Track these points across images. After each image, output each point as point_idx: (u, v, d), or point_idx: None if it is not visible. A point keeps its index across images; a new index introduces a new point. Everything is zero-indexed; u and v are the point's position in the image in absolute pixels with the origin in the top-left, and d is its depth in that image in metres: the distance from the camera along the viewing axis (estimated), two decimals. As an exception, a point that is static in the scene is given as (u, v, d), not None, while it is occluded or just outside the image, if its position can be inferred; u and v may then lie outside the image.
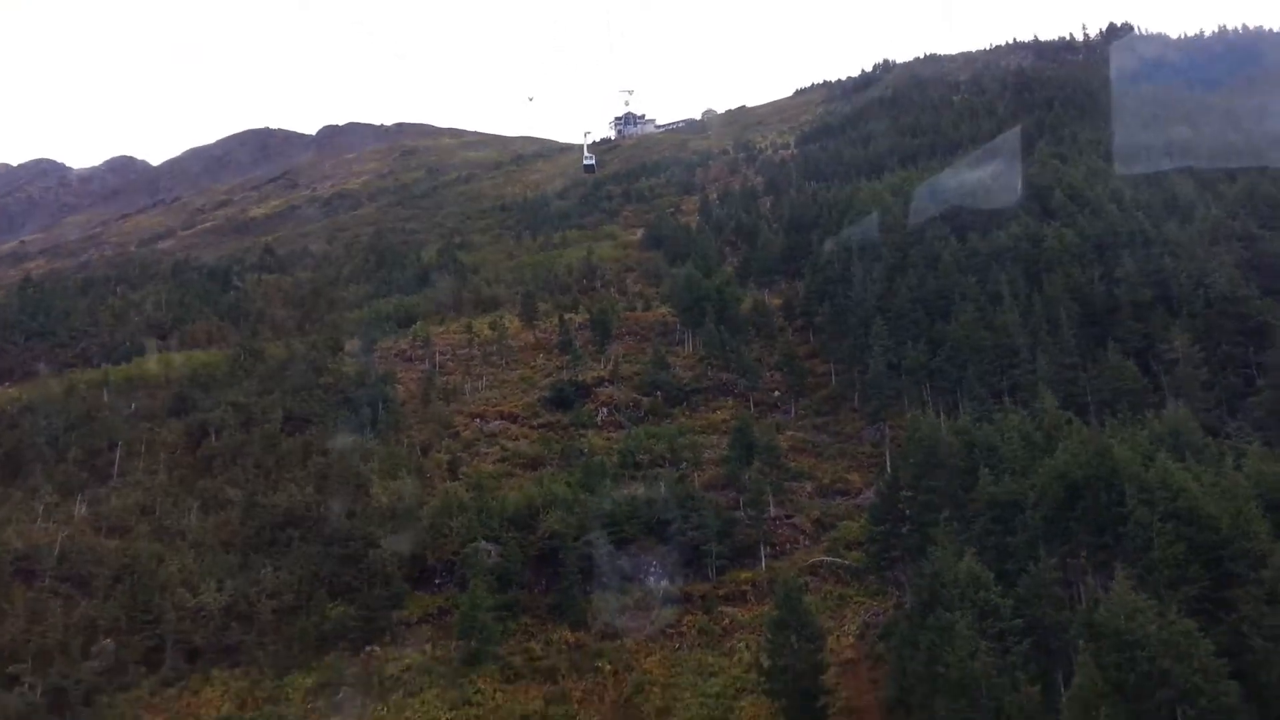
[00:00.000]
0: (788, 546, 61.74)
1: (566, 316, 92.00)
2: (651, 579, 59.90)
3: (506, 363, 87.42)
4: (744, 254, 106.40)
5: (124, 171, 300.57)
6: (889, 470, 63.64)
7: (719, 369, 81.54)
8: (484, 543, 60.29)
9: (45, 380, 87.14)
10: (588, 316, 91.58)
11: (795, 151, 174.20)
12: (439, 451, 73.16)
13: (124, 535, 64.23)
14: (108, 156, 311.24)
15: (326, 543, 60.90)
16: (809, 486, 67.26)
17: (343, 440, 71.48)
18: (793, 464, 68.94)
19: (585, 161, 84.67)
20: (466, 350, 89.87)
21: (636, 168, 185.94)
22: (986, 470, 50.51)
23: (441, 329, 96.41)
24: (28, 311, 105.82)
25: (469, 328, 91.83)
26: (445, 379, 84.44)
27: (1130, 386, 62.59)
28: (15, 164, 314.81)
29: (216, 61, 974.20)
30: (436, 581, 61.03)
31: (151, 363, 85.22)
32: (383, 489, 65.20)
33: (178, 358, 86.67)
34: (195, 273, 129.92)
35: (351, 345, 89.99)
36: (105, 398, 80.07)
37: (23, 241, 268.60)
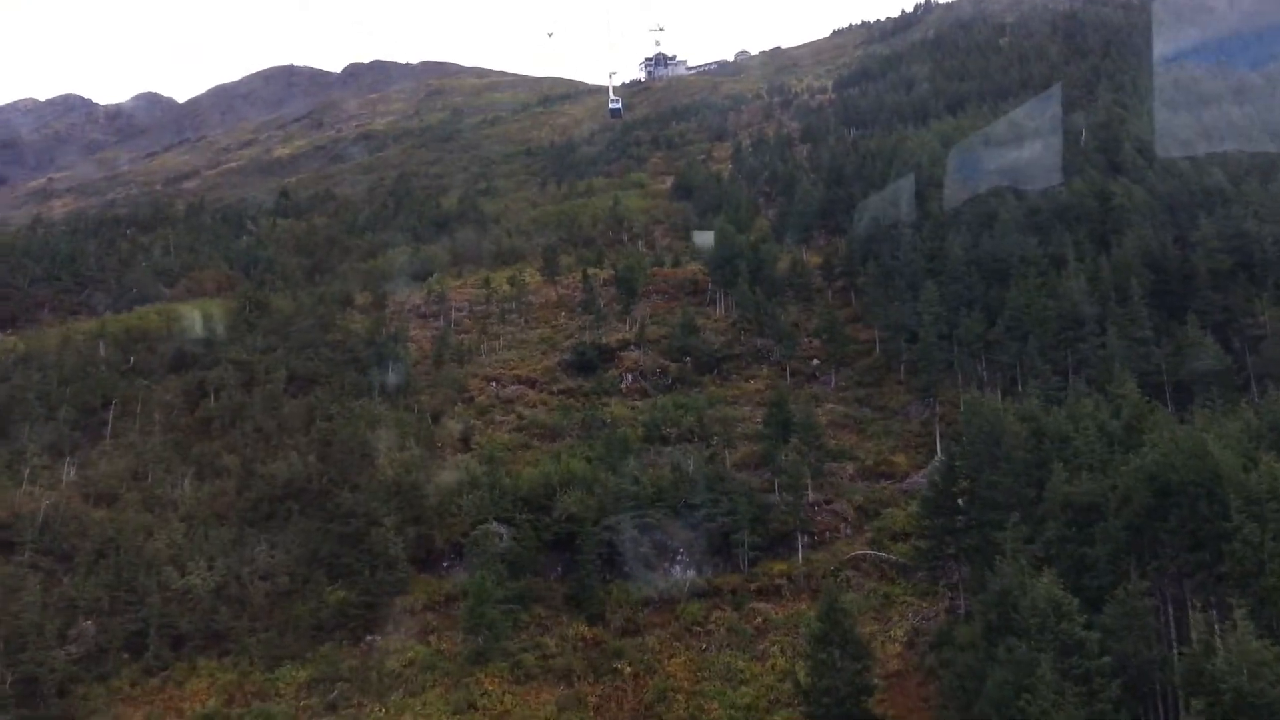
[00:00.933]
0: (827, 535, 55.63)
1: (590, 272, 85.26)
2: (677, 569, 54.14)
3: (526, 321, 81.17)
4: (780, 207, 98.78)
5: (150, 108, 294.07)
6: (940, 454, 57.43)
7: (753, 334, 74.87)
8: (495, 524, 54.68)
9: (43, 330, 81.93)
10: (613, 273, 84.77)
11: (833, 96, 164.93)
12: (451, 418, 67.47)
13: (112, 504, 59.05)
14: (134, 92, 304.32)
15: (327, 519, 55.45)
16: (850, 468, 60.94)
17: (349, 404, 65.86)
18: (832, 441, 62.53)
19: (611, 105, 74.44)
20: (484, 307, 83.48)
21: (666, 112, 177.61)
22: (1060, 465, 44.19)
23: (459, 282, 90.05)
24: (33, 255, 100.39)
25: (487, 282, 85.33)
26: (460, 337, 78.35)
27: (1211, 366, 55.70)
28: (43, 99, 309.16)
29: None
30: (445, 565, 55.55)
31: (153, 313, 79.56)
32: (389, 460, 59.56)
33: (182, 308, 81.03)
34: (209, 216, 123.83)
35: (363, 299, 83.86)
36: (102, 351, 74.66)
37: (50, 179, 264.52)
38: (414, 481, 57.27)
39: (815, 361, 72.93)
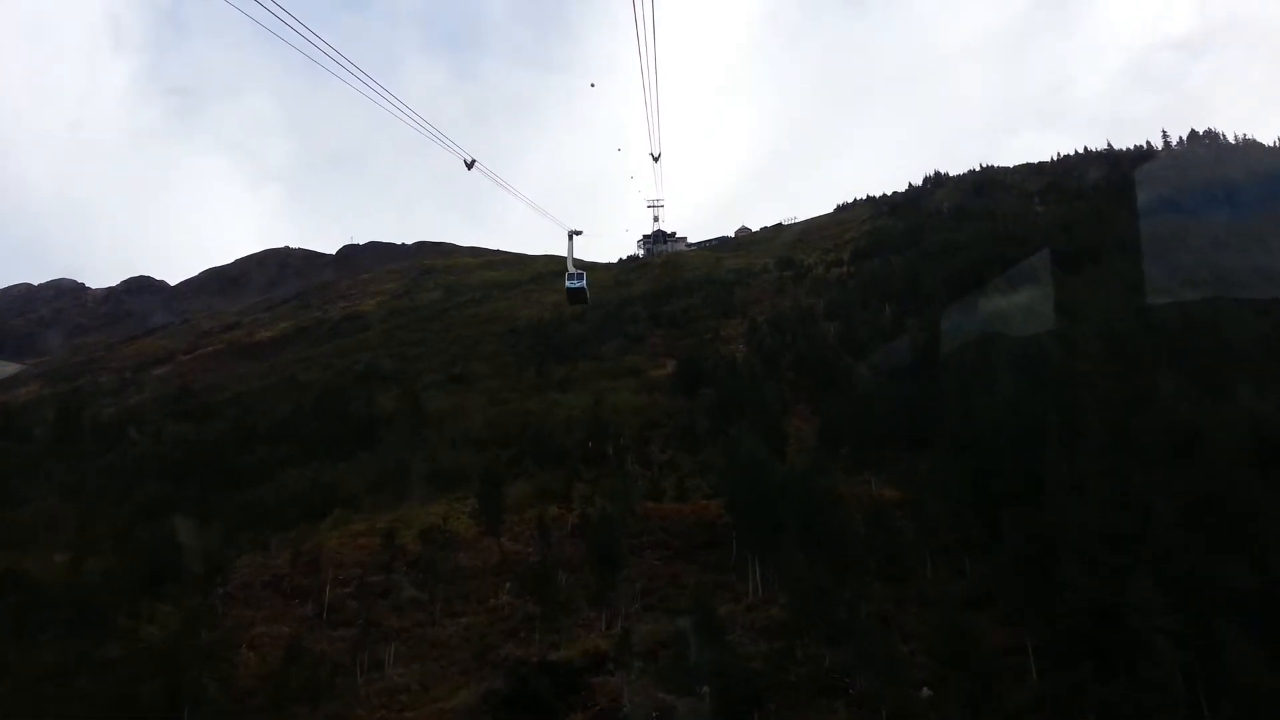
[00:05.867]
0: None
1: (552, 512, 52.83)
2: None
3: (446, 602, 47.74)
4: (826, 403, 66.30)
5: (140, 292, 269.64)
6: None
7: (813, 635, 41.31)
8: None
9: None
10: (581, 514, 52.07)
11: (850, 269, 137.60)
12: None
13: None
14: (128, 275, 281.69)
15: None
16: None
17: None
18: None
19: (570, 283, 42.16)
20: (382, 578, 50.28)
21: (665, 287, 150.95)
22: None
23: (364, 525, 57.32)
24: None
25: (389, 537, 52.21)
26: (334, 635, 44.99)
27: None
28: (36, 283, 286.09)
29: (244, 181, 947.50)
30: None
31: None
32: None
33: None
34: (87, 422, 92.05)
35: (193, 559, 50.54)
36: None
37: (25, 365, 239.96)
38: None
39: (927, 691, 39.18)
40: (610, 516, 48.69)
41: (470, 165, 31.51)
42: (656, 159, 43.85)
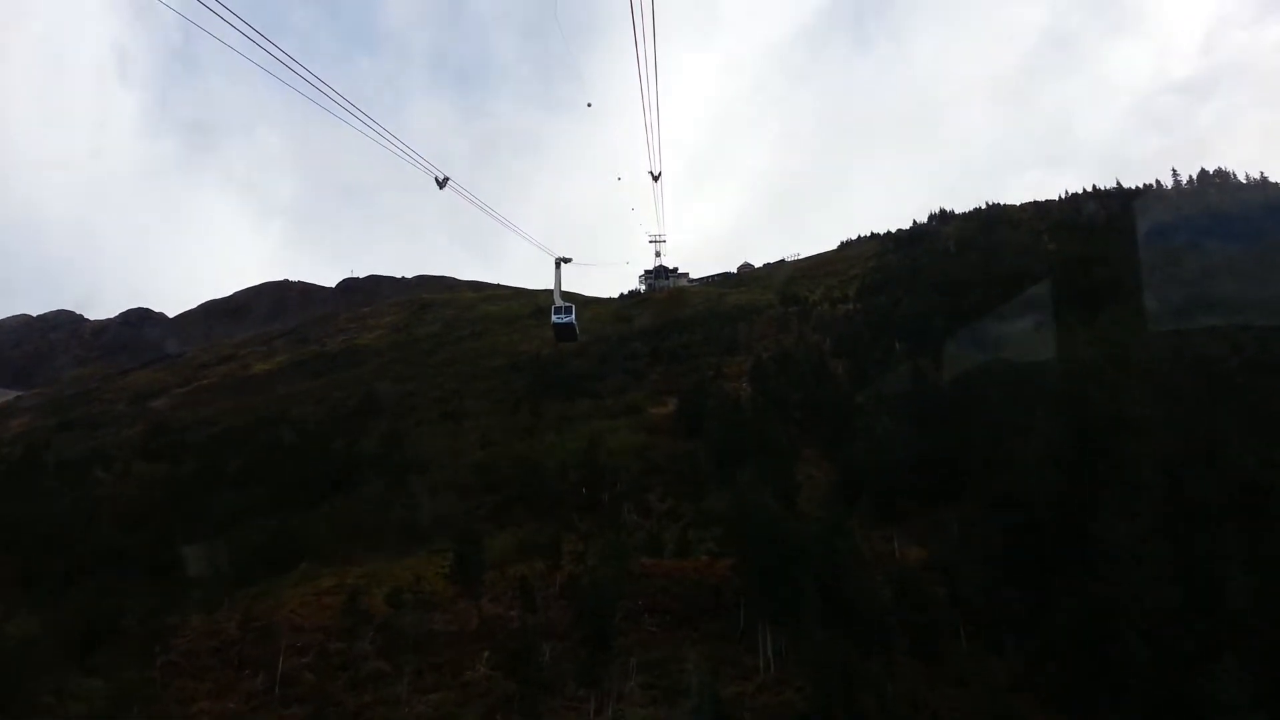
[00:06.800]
0: None
1: (537, 572, 46.97)
2: None
3: (413, 677, 41.85)
4: (844, 455, 60.27)
5: (138, 324, 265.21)
6: None
7: (837, 726, 35.40)
8: None
9: None
10: (570, 573, 46.23)
11: (857, 305, 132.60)
12: None
13: None
14: (127, 307, 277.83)
15: None
16: None
17: None
18: None
19: (556, 318, 37.28)
20: (344, 645, 44.37)
21: (667, 323, 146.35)
22: None
23: (332, 581, 51.48)
24: None
25: (352, 601, 46.34)
26: (285, 713, 39.01)
27: None
28: (35, 314, 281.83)
29: (249, 215, 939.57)
30: None
31: None
32: None
33: None
34: (52, 460, 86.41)
35: (133, 621, 44.38)
36: None
37: (20, 396, 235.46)
38: None
39: (967, 792, 33.25)
40: (603, 579, 42.83)
41: (442, 184, 27.50)
42: (656, 178, 38.28)
